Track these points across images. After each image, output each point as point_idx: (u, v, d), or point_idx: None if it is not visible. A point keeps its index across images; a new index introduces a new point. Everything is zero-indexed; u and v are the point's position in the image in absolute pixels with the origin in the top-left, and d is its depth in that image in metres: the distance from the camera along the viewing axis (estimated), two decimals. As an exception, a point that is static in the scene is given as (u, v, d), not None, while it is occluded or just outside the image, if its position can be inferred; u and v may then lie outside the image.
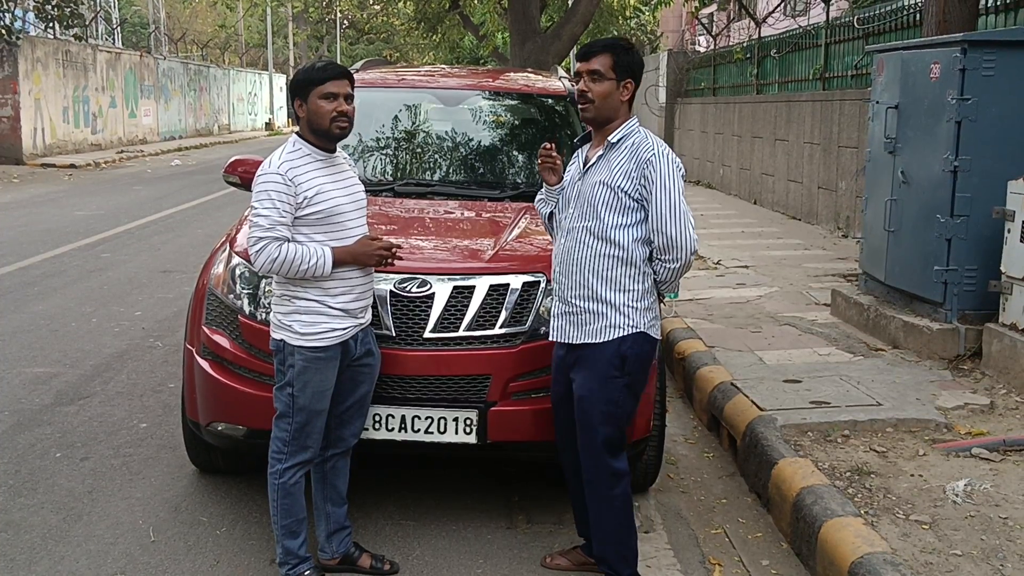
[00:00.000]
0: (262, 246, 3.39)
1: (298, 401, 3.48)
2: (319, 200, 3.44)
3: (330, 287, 3.47)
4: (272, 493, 3.55)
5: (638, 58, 3.55)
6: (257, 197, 3.42)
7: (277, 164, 3.44)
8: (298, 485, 3.56)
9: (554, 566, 3.82)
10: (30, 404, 5.61)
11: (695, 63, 20.46)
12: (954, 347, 5.91)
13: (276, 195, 3.39)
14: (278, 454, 3.54)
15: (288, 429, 3.51)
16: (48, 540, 3.95)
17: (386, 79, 5.85)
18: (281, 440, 3.53)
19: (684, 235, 3.38)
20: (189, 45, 46.04)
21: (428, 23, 24.46)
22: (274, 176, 3.41)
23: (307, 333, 3.46)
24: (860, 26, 11.55)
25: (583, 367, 3.49)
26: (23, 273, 9.45)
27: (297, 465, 3.54)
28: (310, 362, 3.47)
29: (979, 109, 5.84)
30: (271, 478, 3.55)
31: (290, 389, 3.49)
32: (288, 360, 3.49)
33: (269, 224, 3.38)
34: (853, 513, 3.78)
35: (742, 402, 5.12)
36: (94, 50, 27.36)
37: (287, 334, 3.48)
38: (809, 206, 12.63)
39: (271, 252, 3.38)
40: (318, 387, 3.50)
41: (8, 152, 22.19)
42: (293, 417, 3.49)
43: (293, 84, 3.52)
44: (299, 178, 3.43)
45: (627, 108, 3.54)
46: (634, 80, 3.52)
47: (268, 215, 3.39)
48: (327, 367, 3.50)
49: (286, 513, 3.54)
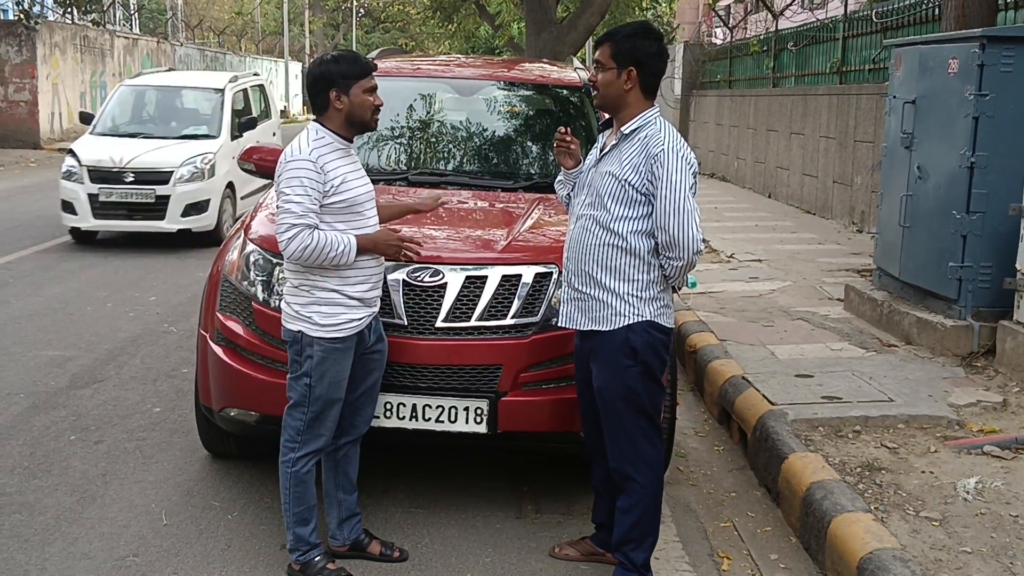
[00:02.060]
0: (295, 233, 3.37)
1: (315, 391, 3.50)
2: (344, 189, 3.47)
3: (348, 276, 3.49)
4: (284, 481, 3.57)
5: (644, 44, 3.40)
6: (288, 183, 3.40)
7: (307, 151, 3.43)
8: (310, 473, 3.58)
9: (563, 556, 3.83)
10: (45, 387, 5.66)
11: (711, 55, 20.37)
12: (967, 344, 5.88)
13: (308, 182, 3.39)
14: (291, 443, 3.55)
15: (302, 418, 3.53)
16: (62, 522, 3.99)
17: (401, 68, 5.85)
18: (294, 429, 3.55)
19: (687, 235, 3.32)
20: (206, 32, 46.09)
21: (444, 12, 24.41)
22: (306, 163, 3.41)
23: (327, 324, 3.47)
24: (878, 20, 11.47)
25: (597, 358, 3.49)
26: (39, 257, 9.51)
27: (310, 454, 3.56)
28: (329, 353, 3.49)
29: (997, 105, 5.80)
30: (283, 467, 3.57)
31: (307, 379, 3.50)
32: (306, 351, 3.50)
33: (301, 211, 3.38)
34: (863, 509, 3.77)
35: (753, 396, 5.12)
36: (112, 36, 27.45)
37: (306, 325, 3.49)
38: (824, 200, 12.58)
39: (304, 239, 3.37)
40: (335, 377, 3.51)
41: (26, 136, 22.29)
42: (309, 406, 3.51)
43: (327, 75, 3.47)
44: (327, 166, 3.44)
45: (639, 96, 3.43)
46: (638, 67, 3.40)
47: (300, 202, 3.38)
48: (345, 357, 3.52)
49: (298, 501, 3.56)
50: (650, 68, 3.43)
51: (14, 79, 22.31)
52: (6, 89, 22.33)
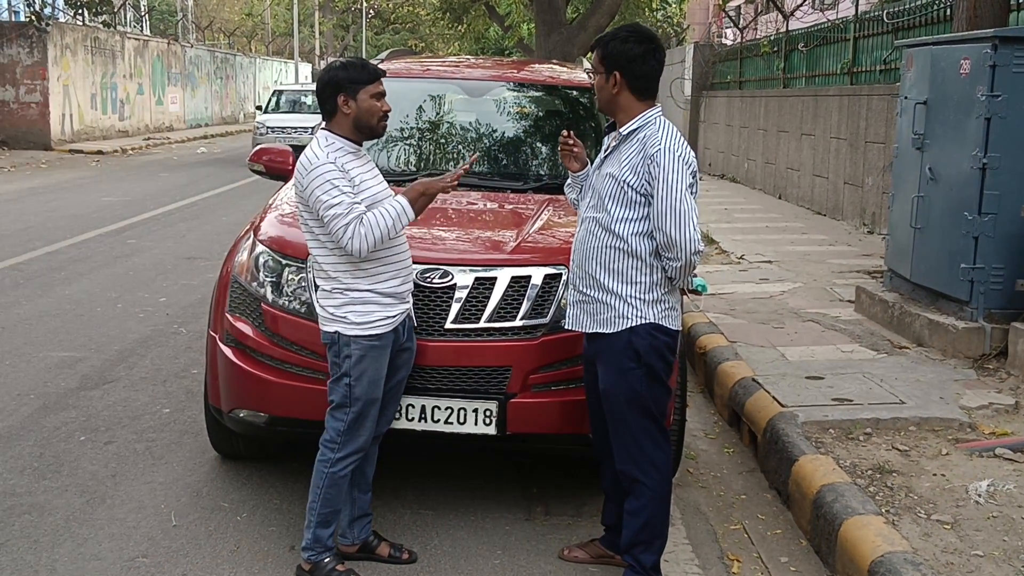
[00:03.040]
0: (353, 230, 3.38)
1: (355, 391, 3.50)
2: (363, 189, 3.50)
3: (378, 274, 3.50)
4: (318, 481, 3.56)
5: (628, 47, 3.38)
6: (321, 189, 3.40)
7: (324, 155, 3.46)
8: (346, 478, 3.58)
9: (572, 558, 3.82)
10: (55, 388, 5.67)
11: (721, 56, 20.32)
12: (979, 346, 5.85)
13: (337, 181, 3.41)
14: (331, 443, 3.55)
15: (344, 419, 3.53)
16: (71, 522, 4.00)
17: (411, 69, 5.85)
18: (336, 430, 3.55)
19: (684, 235, 3.29)
20: (216, 33, 46.25)
21: (454, 13, 24.45)
22: (328, 165, 3.44)
23: (362, 323, 3.48)
24: (889, 20, 11.43)
25: (602, 360, 3.48)
26: (50, 258, 9.55)
27: (351, 455, 3.56)
28: (367, 351, 3.49)
29: (1009, 106, 5.76)
30: (320, 466, 3.56)
31: (347, 380, 3.50)
32: (344, 351, 3.50)
33: (345, 208, 3.39)
34: (874, 511, 3.75)
35: (763, 398, 5.10)
36: (122, 37, 27.55)
37: (341, 325, 3.50)
38: (835, 201, 12.54)
39: (362, 231, 3.38)
40: (374, 376, 3.52)
41: (36, 138, 22.40)
42: (350, 407, 3.51)
43: (336, 80, 3.51)
44: (345, 167, 3.47)
45: (631, 99, 3.42)
46: (622, 71, 3.39)
47: (340, 200, 3.39)
48: (382, 355, 3.53)
49: (327, 502, 3.55)
50: (635, 71, 3.41)
51: (25, 80, 22.43)
52: (17, 90, 22.44)
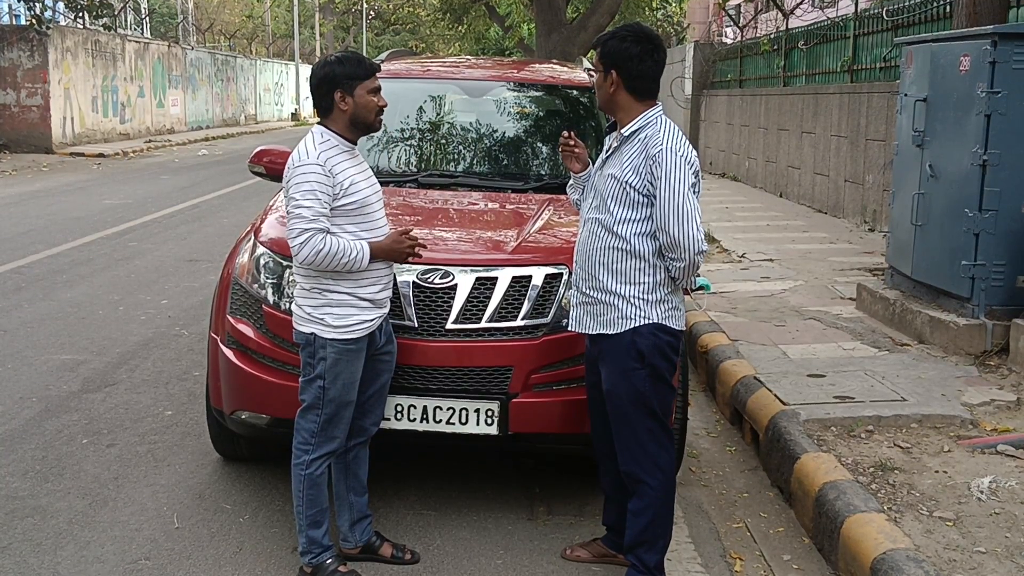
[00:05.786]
0: (306, 238, 3.37)
1: (328, 393, 3.50)
2: (352, 191, 3.47)
3: (359, 279, 3.49)
4: (297, 484, 3.57)
5: (625, 46, 3.38)
6: (297, 188, 3.40)
7: (315, 155, 3.43)
8: (323, 476, 3.58)
9: (574, 558, 3.82)
10: (57, 391, 5.68)
11: (722, 55, 20.32)
12: (981, 343, 5.85)
13: (318, 186, 3.39)
14: (304, 445, 3.55)
15: (316, 420, 3.53)
16: (74, 525, 4.00)
17: (411, 70, 5.85)
18: (308, 431, 3.55)
19: (687, 235, 3.29)
20: (217, 35, 46.25)
21: (454, 14, 24.46)
22: (314, 167, 3.41)
23: (340, 326, 3.48)
24: (889, 18, 11.43)
25: (605, 361, 3.48)
26: (52, 261, 9.56)
27: (324, 456, 3.56)
28: (342, 354, 3.49)
29: (1009, 102, 5.76)
30: (296, 469, 3.57)
31: (321, 382, 3.50)
32: (319, 353, 3.50)
33: (312, 216, 3.37)
34: (876, 509, 3.75)
35: (765, 396, 5.10)
36: (123, 40, 27.56)
37: (318, 327, 3.49)
38: (835, 199, 12.53)
39: (316, 244, 3.37)
40: (348, 379, 3.52)
41: (38, 141, 22.42)
42: (323, 408, 3.51)
43: (331, 76, 3.48)
44: (335, 169, 3.44)
45: (629, 99, 3.41)
46: (618, 70, 3.39)
47: (311, 206, 3.37)
48: (357, 358, 3.53)
49: (311, 504, 3.56)
50: (632, 70, 3.39)
51: (26, 84, 22.43)
52: (18, 94, 22.45)
